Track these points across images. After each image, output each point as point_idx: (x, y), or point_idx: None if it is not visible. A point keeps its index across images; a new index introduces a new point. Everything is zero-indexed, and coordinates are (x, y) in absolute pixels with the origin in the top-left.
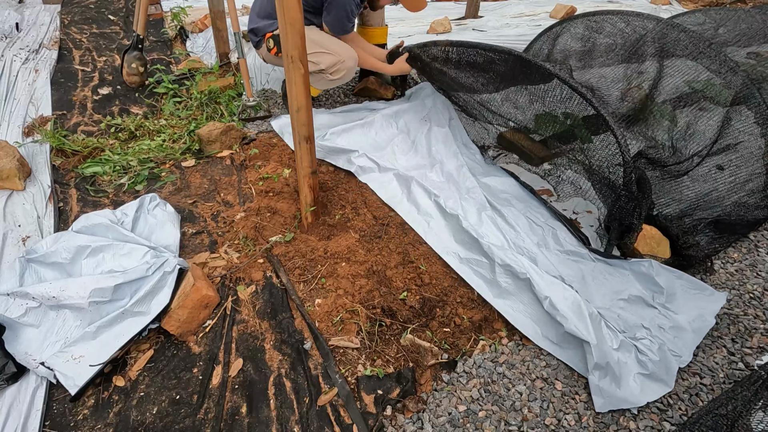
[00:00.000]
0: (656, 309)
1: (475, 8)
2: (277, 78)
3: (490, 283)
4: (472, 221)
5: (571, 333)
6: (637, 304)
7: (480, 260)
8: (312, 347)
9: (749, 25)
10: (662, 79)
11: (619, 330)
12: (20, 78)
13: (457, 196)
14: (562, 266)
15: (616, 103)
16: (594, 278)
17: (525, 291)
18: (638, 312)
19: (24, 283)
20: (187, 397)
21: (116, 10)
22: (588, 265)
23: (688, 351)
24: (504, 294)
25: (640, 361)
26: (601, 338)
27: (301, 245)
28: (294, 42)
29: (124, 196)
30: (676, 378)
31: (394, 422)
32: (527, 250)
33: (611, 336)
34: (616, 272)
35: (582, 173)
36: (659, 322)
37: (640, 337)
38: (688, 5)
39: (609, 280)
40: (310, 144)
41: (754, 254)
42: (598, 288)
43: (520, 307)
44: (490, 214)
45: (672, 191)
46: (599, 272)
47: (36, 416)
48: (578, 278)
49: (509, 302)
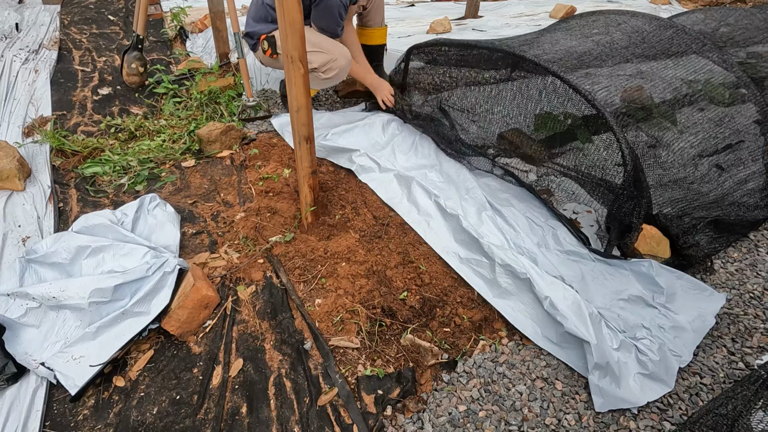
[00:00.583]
0: (656, 309)
1: (475, 8)
2: (276, 78)
3: (490, 283)
4: (472, 221)
5: (571, 333)
6: (637, 304)
7: (480, 260)
8: (312, 347)
9: (750, 22)
10: (661, 78)
11: (619, 330)
12: (20, 78)
13: (456, 196)
14: (562, 266)
15: (617, 103)
16: (594, 278)
17: (525, 291)
18: (638, 312)
19: (24, 283)
20: (187, 397)
21: (116, 10)
22: (588, 265)
23: (689, 351)
24: (504, 294)
25: (640, 360)
26: (601, 338)
27: (301, 245)
28: (294, 42)
29: (124, 197)
30: (676, 378)
31: (395, 422)
32: (527, 250)
33: (611, 336)
34: (616, 272)
35: (576, 180)
36: (659, 321)
37: (640, 336)
38: (688, 5)
39: (609, 280)
40: (310, 144)
41: (754, 254)
42: (598, 288)
43: (520, 306)
44: (490, 215)
45: (671, 191)
46: (599, 272)
47: (36, 416)
48: (578, 278)
49: (509, 302)
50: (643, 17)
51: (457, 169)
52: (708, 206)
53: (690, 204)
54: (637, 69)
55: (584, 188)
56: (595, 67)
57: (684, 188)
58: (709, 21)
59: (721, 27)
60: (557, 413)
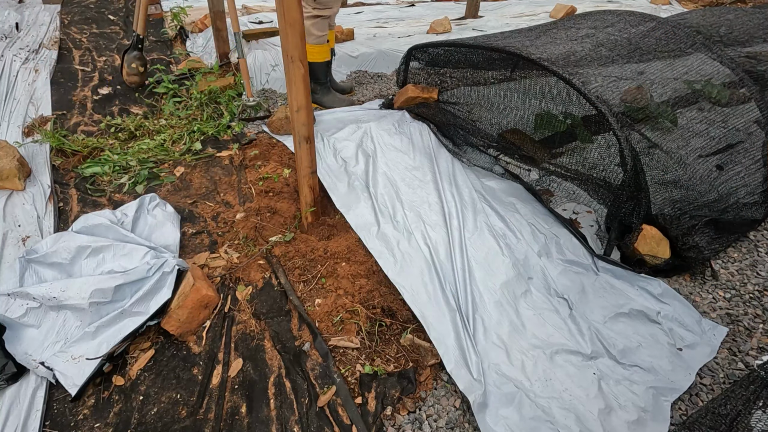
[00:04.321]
0: (658, 324)
1: (475, 8)
2: (277, 78)
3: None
4: (469, 227)
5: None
6: (639, 320)
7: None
8: (312, 347)
9: (749, 20)
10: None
11: (612, 352)
12: (20, 78)
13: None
14: (562, 277)
15: (617, 103)
16: (595, 291)
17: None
18: (638, 328)
19: (24, 283)
20: (187, 396)
21: (116, 10)
22: (590, 277)
23: (689, 375)
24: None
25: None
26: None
27: (301, 245)
28: (294, 42)
29: (124, 196)
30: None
31: (394, 422)
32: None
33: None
34: (620, 284)
35: (575, 181)
36: (661, 339)
37: (631, 365)
38: (688, 5)
39: (610, 293)
40: (310, 144)
41: (754, 254)
42: (597, 300)
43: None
44: (487, 221)
45: (671, 191)
46: (601, 285)
47: (36, 416)
48: (578, 290)
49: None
50: (641, 17)
51: (459, 170)
52: (708, 206)
53: (690, 204)
54: (637, 69)
55: (586, 187)
56: (595, 67)
57: (684, 188)
58: (708, 20)
59: (721, 27)
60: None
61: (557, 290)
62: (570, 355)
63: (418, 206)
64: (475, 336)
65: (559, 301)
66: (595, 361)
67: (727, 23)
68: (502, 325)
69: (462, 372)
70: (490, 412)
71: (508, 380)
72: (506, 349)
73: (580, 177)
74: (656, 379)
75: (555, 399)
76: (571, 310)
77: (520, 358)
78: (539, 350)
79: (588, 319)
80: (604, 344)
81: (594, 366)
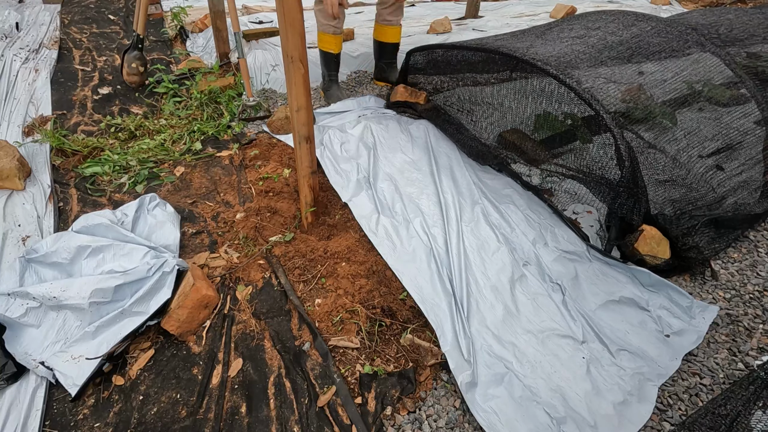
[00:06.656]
0: (647, 311)
1: (475, 8)
2: (277, 78)
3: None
4: (467, 217)
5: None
6: (629, 307)
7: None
8: (311, 347)
9: (750, 20)
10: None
11: (602, 338)
12: (20, 78)
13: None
14: (557, 263)
15: (616, 103)
16: (588, 278)
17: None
18: (628, 315)
19: (24, 283)
20: (186, 396)
21: (116, 10)
22: (584, 264)
23: (675, 359)
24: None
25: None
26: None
27: (301, 245)
28: (294, 42)
29: (124, 196)
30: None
31: (394, 422)
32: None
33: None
34: (612, 272)
35: (577, 180)
36: (650, 326)
37: (620, 349)
38: (688, 5)
39: (602, 280)
40: (310, 144)
41: (753, 254)
42: (590, 287)
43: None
44: (484, 209)
45: (671, 191)
46: (594, 272)
47: (36, 416)
48: (571, 276)
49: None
50: (642, 17)
51: (454, 162)
52: (707, 206)
53: (689, 204)
54: (637, 69)
55: (586, 184)
56: (594, 67)
57: (683, 188)
58: (708, 19)
59: (721, 26)
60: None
61: (551, 276)
62: (561, 339)
63: (417, 197)
64: (469, 319)
65: (552, 286)
66: (585, 345)
67: (727, 23)
68: (496, 309)
69: (455, 353)
70: (479, 390)
71: (499, 360)
72: (498, 332)
73: (580, 173)
74: (644, 364)
75: (543, 380)
76: (564, 296)
77: (511, 340)
78: (531, 334)
79: (580, 305)
80: (594, 329)
81: (584, 350)
